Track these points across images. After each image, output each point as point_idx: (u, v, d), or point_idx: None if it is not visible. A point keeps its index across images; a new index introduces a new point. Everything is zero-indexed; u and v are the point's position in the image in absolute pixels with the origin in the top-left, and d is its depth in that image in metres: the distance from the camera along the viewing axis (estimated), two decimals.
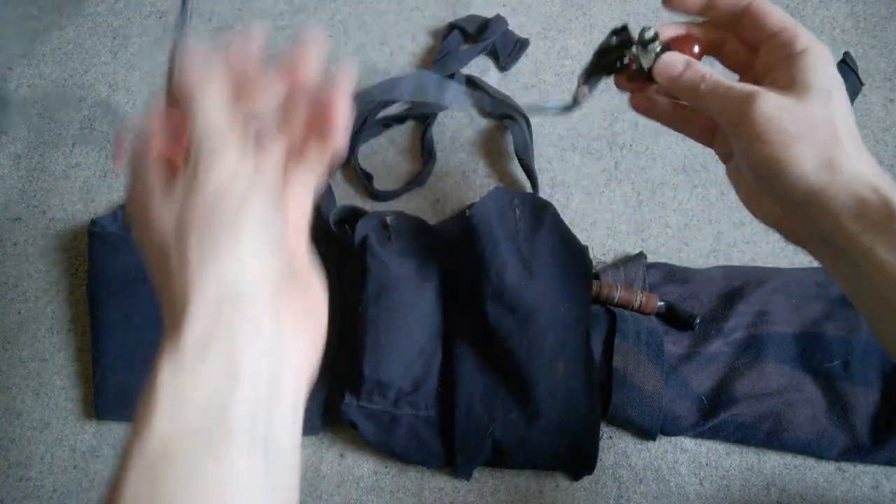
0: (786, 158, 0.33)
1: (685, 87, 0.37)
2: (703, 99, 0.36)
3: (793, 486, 0.50)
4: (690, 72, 0.38)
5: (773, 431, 0.50)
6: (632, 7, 0.72)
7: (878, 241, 0.32)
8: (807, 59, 0.34)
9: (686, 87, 0.37)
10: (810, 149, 0.33)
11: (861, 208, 0.32)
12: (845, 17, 0.70)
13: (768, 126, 0.33)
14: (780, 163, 0.33)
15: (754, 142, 0.33)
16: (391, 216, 0.57)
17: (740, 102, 0.34)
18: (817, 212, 0.33)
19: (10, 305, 0.60)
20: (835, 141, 0.33)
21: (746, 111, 0.33)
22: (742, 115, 0.33)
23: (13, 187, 0.66)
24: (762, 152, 0.33)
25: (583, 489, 0.51)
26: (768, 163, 0.33)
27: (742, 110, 0.33)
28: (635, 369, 0.51)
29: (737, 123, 0.34)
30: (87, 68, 0.72)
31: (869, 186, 0.32)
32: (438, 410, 0.52)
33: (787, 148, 0.33)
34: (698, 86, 0.37)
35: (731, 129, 0.35)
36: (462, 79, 0.67)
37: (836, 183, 0.32)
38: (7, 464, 0.54)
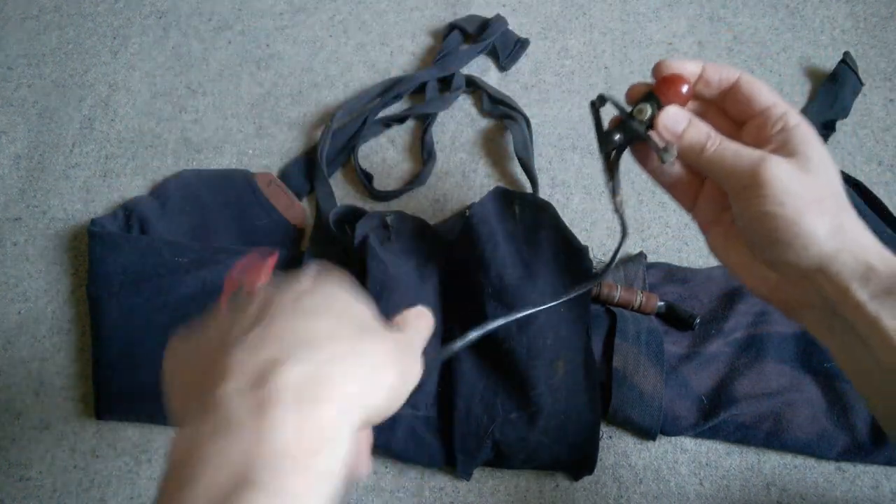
0: (801, 221, 0.32)
1: (689, 146, 0.36)
2: (709, 161, 0.35)
3: (793, 486, 0.50)
4: (694, 130, 0.36)
5: (773, 431, 0.50)
6: (632, 7, 0.72)
7: (885, 309, 0.32)
8: (802, 133, 0.34)
9: (690, 147, 0.36)
10: (824, 214, 0.32)
11: (869, 275, 0.32)
12: (845, 17, 0.70)
13: (783, 189, 0.32)
14: (795, 225, 0.32)
15: (768, 203, 0.33)
16: (391, 216, 0.57)
17: (752, 165, 0.33)
18: (824, 279, 0.33)
19: (10, 305, 0.60)
20: (842, 209, 0.33)
21: (759, 174, 0.33)
22: (754, 177, 0.33)
23: (13, 187, 0.66)
24: (776, 214, 0.32)
25: (583, 489, 0.51)
26: (782, 225, 0.33)
27: (754, 173, 0.33)
28: (635, 369, 0.51)
29: (748, 186, 0.33)
30: (87, 68, 0.72)
31: (876, 254, 0.32)
32: (438, 410, 0.52)
33: (801, 212, 0.32)
34: (703, 145, 0.35)
35: (741, 192, 0.34)
36: (462, 79, 0.67)
37: (845, 249, 0.32)
38: (7, 464, 0.54)
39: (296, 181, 0.63)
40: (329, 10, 0.74)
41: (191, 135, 0.67)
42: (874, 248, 0.33)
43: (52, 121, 0.69)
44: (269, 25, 0.74)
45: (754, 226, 0.34)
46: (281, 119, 0.68)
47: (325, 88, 0.69)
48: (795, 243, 0.33)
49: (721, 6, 0.71)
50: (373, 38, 0.72)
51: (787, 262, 0.34)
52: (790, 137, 0.34)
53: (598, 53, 0.69)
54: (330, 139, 0.63)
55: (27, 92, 0.72)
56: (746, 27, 0.70)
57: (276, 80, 0.70)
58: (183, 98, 0.70)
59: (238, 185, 0.62)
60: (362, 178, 0.62)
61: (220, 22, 0.75)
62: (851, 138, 0.63)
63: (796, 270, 0.34)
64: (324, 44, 0.72)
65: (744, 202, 0.34)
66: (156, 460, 0.53)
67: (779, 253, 0.34)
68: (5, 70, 0.73)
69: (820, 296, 0.34)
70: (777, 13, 0.71)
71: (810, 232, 0.32)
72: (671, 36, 0.70)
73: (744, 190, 0.34)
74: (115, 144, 0.67)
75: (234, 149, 0.66)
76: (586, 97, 0.67)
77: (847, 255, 0.32)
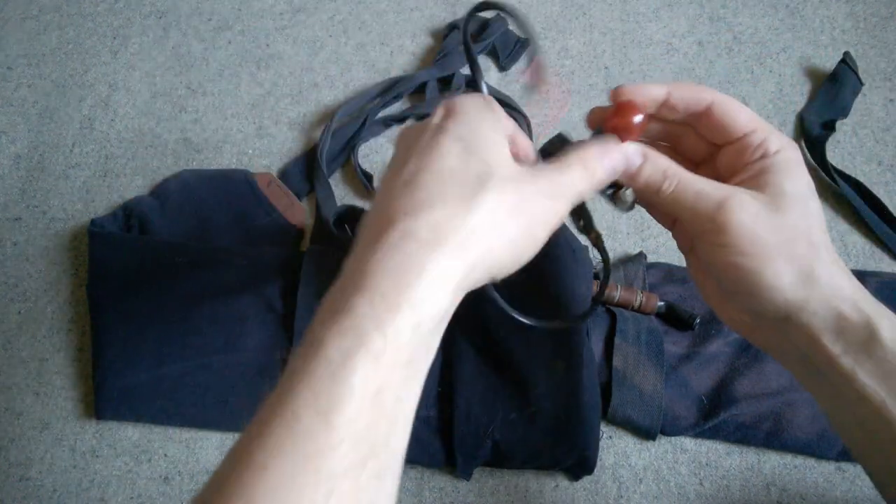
0: (763, 272, 0.30)
1: (644, 186, 0.33)
2: (667, 202, 0.32)
3: (793, 486, 0.50)
4: (650, 168, 0.33)
5: (773, 431, 0.50)
6: (632, 7, 0.72)
7: (860, 366, 0.30)
8: (780, 162, 0.32)
9: (646, 187, 0.33)
10: (790, 261, 0.30)
11: (841, 327, 0.30)
12: (845, 17, 0.70)
13: (746, 237, 0.30)
14: (757, 275, 0.30)
15: (729, 254, 0.30)
16: None
17: (714, 208, 0.31)
18: (794, 329, 0.31)
19: (10, 305, 0.60)
20: (814, 252, 0.30)
21: (720, 220, 0.30)
22: (714, 222, 0.30)
23: (13, 187, 0.66)
24: (737, 264, 0.30)
25: (583, 489, 0.51)
26: (744, 275, 0.31)
27: (715, 219, 0.30)
28: (635, 369, 0.51)
29: (708, 232, 0.31)
30: (87, 68, 0.72)
31: (849, 302, 0.30)
32: (438, 410, 0.52)
33: (765, 261, 0.30)
34: (660, 185, 0.32)
35: (702, 237, 0.32)
36: (462, 79, 0.67)
37: (814, 298, 0.30)
38: (7, 464, 0.54)
39: (296, 181, 0.63)
40: (329, 10, 0.74)
41: (191, 135, 0.67)
42: (849, 294, 0.30)
43: (52, 121, 0.69)
44: (269, 25, 0.74)
45: (717, 272, 0.32)
46: (281, 119, 0.68)
47: (325, 88, 0.69)
48: (760, 294, 0.31)
49: (721, 6, 0.71)
50: (373, 38, 0.72)
51: (753, 311, 0.32)
52: (768, 167, 0.32)
53: (598, 53, 0.69)
54: (330, 139, 0.63)
55: (27, 92, 0.72)
56: (746, 27, 0.70)
57: (276, 80, 0.70)
58: (183, 98, 0.70)
59: (238, 185, 0.62)
60: (362, 178, 0.62)
61: (220, 22, 0.75)
62: (851, 138, 0.63)
63: (764, 319, 0.32)
64: (324, 44, 0.72)
65: (706, 247, 0.32)
66: (156, 460, 0.53)
67: (743, 301, 0.32)
68: (5, 70, 0.73)
69: (792, 344, 0.32)
70: (777, 13, 0.71)
71: (773, 283, 0.30)
72: (671, 36, 0.70)
73: (704, 235, 0.32)
74: (115, 144, 0.67)
75: (234, 149, 0.66)
76: (586, 97, 0.67)
77: (817, 304, 0.30)
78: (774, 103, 0.65)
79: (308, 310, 0.55)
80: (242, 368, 0.53)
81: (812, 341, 0.31)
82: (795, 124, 0.64)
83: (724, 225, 0.30)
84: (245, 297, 0.55)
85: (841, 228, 0.59)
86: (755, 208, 0.30)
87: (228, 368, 0.53)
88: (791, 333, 0.31)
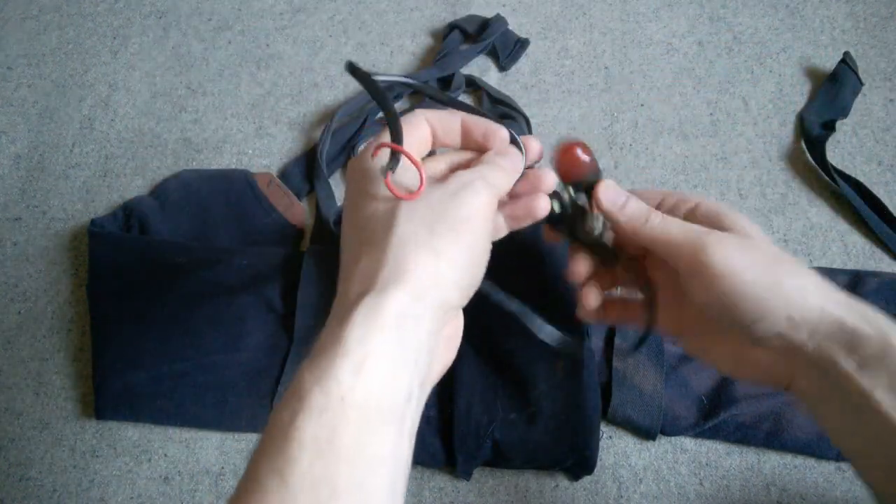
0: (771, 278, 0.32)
1: (628, 220, 0.35)
2: (654, 233, 0.35)
3: (793, 486, 0.50)
4: (635, 203, 0.35)
5: (773, 431, 0.50)
6: (632, 7, 0.72)
7: (878, 381, 0.30)
8: (713, 208, 0.35)
9: (629, 220, 0.35)
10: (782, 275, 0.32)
11: (854, 341, 0.30)
12: (845, 17, 0.70)
13: (731, 265, 0.32)
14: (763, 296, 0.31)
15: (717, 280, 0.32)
16: None
17: (696, 248, 0.33)
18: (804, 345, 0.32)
19: (10, 305, 0.60)
20: (804, 271, 0.33)
21: (702, 257, 0.32)
22: (698, 260, 0.32)
23: (13, 187, 0.66)
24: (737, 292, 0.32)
25: (583, 489, 0.51)
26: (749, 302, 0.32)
27: (698, 258, 0.32)
28: (635, 369, 0.51)
29: (697, 265, 0.33)
30: (87, 68, 0.72)
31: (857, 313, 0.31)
32: (438, 410, 0.52)
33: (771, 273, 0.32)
34: (647, 216, 0.35)
35: (693, 266, 0.33)
36: (462, 79, 0.67)
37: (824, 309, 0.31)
38: (7, 464, 0.54)
39: (296, 181, 0.63)
40: (329, 10, 0.74)
41: (191, 135, 0.67)
42: (856, 307, 0.31)
43: (52, 121, 0.69)
44: (269, 25, 0.74)
45: (716, 303, 0.33)
46: (281, 119, 0.68)
47: (325, 88, 0.69)
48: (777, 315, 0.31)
49: (721, 6, 0.71)
50: (373, 38, 0.72)
51: (755, 333, 0.33)
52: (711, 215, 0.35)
53: (598, 53, 0.69)
54: (330, 139, 0.63)
55: (27, 92, 0.72)
56: (746, 27, 0.70)
57: (276, 80, 0.70)
58: (183, 98, 0.70)
59: (238, 185, 0.62)
60: None
61: (220, 22, 0.75)
62: (851, 138, 0.63)
63: (768, 339, 0.33)
64: (324, 44, 0.72)
65: (697, 277, 0.33)
66: (156, 460, 0.53)
67: (754, 327, 0.32)
68: (5, 70, 0.73)
69: (807, 365, 0.32)
70: (777, 13, 0.71)
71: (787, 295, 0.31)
72: (671, 36, 0.70)
73: (694, 269, 0.33)
74: (115, 144, 0.67)
75: (234, 149, 0.66)
76: (586, 97, 0.67)
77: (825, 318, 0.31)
78: (774, 103, 0.65)
79: (308, 310, 0.55)
80: (242, 368, 0.53)
81: (825, 359, 0.31)
82: (795, 124, 0.64)
83: (706, 259, 0.32)
84: (245, 297, 0.55)
85: (841, 228, 0.59)
86: (729, 241, 0.33)
87: (228, 368, 0.53)
88: (802, 351, 0.32)
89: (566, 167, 0.36)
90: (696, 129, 0.64)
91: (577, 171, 0.36)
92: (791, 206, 0.60)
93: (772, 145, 0.63)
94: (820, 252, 0.58)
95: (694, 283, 0.33)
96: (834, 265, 0.57)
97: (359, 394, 0.26)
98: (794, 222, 0.59)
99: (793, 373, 0.34)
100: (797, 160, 0.62)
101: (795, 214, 0.60)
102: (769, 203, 0.60)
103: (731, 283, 0.32)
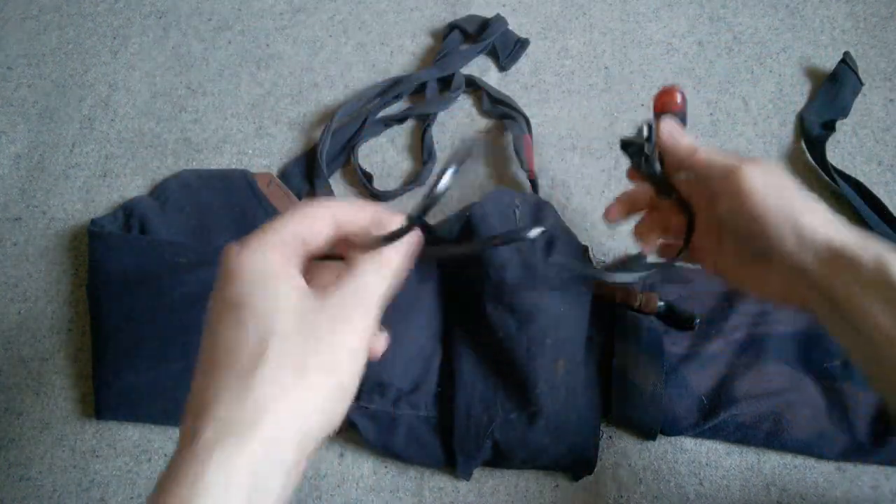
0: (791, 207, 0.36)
1: (682, 148, 0.41)
2: (701, 159, 0.40)
3: (793, 486, 0.50)
4: (686, 137, 0.42)
5: (773, 431, 0.50)
6: (632, 7, 0.72)
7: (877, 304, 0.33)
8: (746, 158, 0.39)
9: (682, 150, 0.41)
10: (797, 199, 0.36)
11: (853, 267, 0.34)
12: (845, 17, 0.70)
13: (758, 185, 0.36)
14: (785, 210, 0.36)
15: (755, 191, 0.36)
16: None
17: (733, 170, 0.37)
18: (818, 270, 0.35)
19: (10, 305, 0.60)
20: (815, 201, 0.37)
21: (736, 177, 0.37)
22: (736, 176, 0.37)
23: (13, 187, 0.66)
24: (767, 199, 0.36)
25: (583, 489, 0.51)
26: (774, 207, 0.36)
27: (735, 174, 0.37)
28: (635, 369, 0.51)
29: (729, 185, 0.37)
30: (87, 68, 0.73)
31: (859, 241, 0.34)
32: (438, 411, 0.52)
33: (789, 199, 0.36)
34: (695, 148, 0.40)
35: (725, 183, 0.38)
36: (462, 79, 0.67)
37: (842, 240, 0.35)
38: (7, 464, 0.54)
39: (296, 181, 0.63)
40: (329, 10, 0.74)
41: (191, 135, 0.67)
42: (857, 236, 0.35)
43: (52, 121, 0.69)
44: (269, 25, 0.74)
45: (745, 222, 0.37)
46: (281, 119, 0.68)
47: (325, 88, 0.69)
48: (791, 238, 0.35)
49: (721, 6, 0.71)
50: (373, 38, 0.72)
51: (786, 259, 0.36)
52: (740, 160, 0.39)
53: (598, 53, 0.69)
54: (330, 139, 0.63)
55: (27, 92, 0.72)
56: (746, 27, 0.70)
57: (276, 80, 0.70)
58: (183, 98, 0.70)
59: (238, 185, 0.62)
60: (362, 178, 0.62)
61: (220, 22, 0.75)
62: (851, 138, 0.63)
63: (796, 271, 0.36)
64: (324, 44, 0.72)
65: (730, 195, 0.38)
66: (156, 460, 0.53)
67: (774, 248, 0.36)
68: (5, 70, 0.73)
69: (820, 289, 0.36)
70: (777, 13, 0.71)
71: (805, 226, 0.35)
72: (671, 36, 0.70)
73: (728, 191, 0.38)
74: (115, 144, 0.67)
75: (234, 149, 0.66)
76: (586, 97, 0.67)
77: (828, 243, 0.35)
78: (774, 103, 0.65)
79: None
80: None
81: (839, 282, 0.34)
82: (795, 124, 0.64)
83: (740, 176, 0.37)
84: None
85: None
86: (763, 167, 0.37)
87: None
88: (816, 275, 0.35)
89: (662, 102, 0.43)
90: (696, 129, 0.64)
91: (671, 108, 0.43)
92: None
93: (772, 145, 0.63)
94: None
95: (726, 201, 0.38)
96: None
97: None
98: None
99: (805, 295, 0.37)
100: (797, 160, 0.62)
101: None
102: None
103: (755, 201, 0.36)
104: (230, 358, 0.27)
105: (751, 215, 0.36)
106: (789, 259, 0.36)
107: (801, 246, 0.35)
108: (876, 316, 0.33)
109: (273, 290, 0.28)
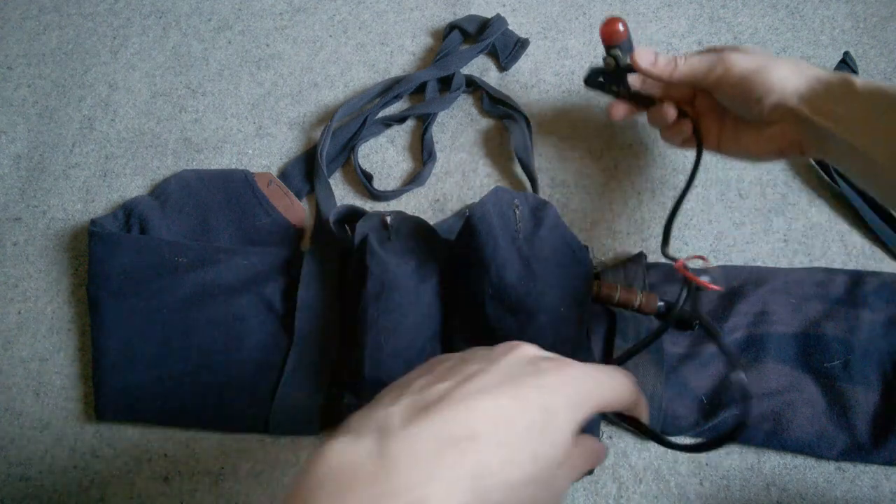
0: (771, 70, 0.44)
1: (664, 66, 0.48)
2: (683, 72, 0.47)
3: (793, 486, 0.50)
4: (662, 57, 0.48)
5: (773, 431, 0.50)
6: (632, 7, 0.72)
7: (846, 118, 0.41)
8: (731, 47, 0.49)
9: (664, 71, 0.48)
10: (783, 63, 0.45)
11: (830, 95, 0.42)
12: (845, 17, 0.70)
13: (744, 59, 0.45)
14: (768, 73, 0.44)
15: (737, 66, 0.45)
16: (391, 216, 0.57)
17: (715, 61, 0.46)
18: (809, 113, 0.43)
19: (10, 305, 0.60)
20: (785, 59, 0.45)
21: (723, 61, 0.46)
22: (722, 62, 0.46)
23: (13, 187, 0.66)
24: (746, 78, 0.45)
25: (583, 489, 0.51)
26: (759, 79, 0.44)
27: (718, 64, 0.46)
28: (635, 369, 0.51)
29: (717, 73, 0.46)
30: (87, 68, 0.73)
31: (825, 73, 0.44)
32: None
33: (766, 65, 0.44)
34: (675, 64, 0.48)
35: (712, 80, 0.47)
36: (462, 79, 0.67)
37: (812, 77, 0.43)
38: (7, 464, 0.54)
39: (296, 181, 0.63)
40: (329, 10, 0.74)
41: (191, 135, 0.67)
42: (825, 72, 0.43)
43: (52, 121, 0.69)
44: (269, 25, 0.74)
45: (732, 95, 0.46)
46: (281, 119, 0.68)
47: (325, 88, 0.69)
48: (773, 88, 0.44)
49: (721, 6, 0.71)
50: (373, 38, 0.72)
51: (773, 106, 0.44)
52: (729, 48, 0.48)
53: (598, 53, 0.69)
54: (330, 139, 0.63)
55: (27, 92, 0.72)
56: (746, 27, 0.70)
57: (276, 80, 0.70)
58: (183, 98, 0.70)
59: (238, 185, 0.62)
60: (362, 178, 0.62)
61: (220, 22, 0.75)
62: None
63: (783, 112, 0.44)
64: (324, 44, 0.72)
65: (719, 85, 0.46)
66: (155, 460, 0.53)
67: (763, 101, 0.44)
68: (5, 70, 0.73)
69: (801, 124, 0.44)
70: (777, 13, 0.71)
71: (780, 74, 0.44)
72: (671, 36, 0.70)
73: (713, 77, 0.46)
74: (115, 144, 0.67)
75: (234, 149, 0.66)
76: (586, 97, 0.67)
77: (806, 82, 0.43)
78: None
79: (308, 310, 0.55)
80: (242, 368, 0.53)
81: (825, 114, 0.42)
82: None
83: (725, 62, 0.46)
84: (245, 297, 0.55)
85: (841, 228, 0.59)
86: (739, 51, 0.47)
87: (228, 368, 0.53)
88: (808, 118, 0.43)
89: (609, 33, 0.48)
90: None
91: (616, 38, 0.48)
92: (791, 206, 0.60)
93: None
94: (820, 252, 0.58)
95: (720, 89, 0.47)
96: (834, 265, 0.57)
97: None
98: (794, 222, 0.59)
99: (800, 138, 0.45)
100: (797, 160, 0.62)
101: (795, 214, 0.60)
102: (769, 203, 0.60)
103: (741, 73, 0.45)
104: None
105: (737, 82, 0.45)
106: (780, 108, 0.44)
107: (785, 92, 0.43)
108: (854, 134, 0.40)
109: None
